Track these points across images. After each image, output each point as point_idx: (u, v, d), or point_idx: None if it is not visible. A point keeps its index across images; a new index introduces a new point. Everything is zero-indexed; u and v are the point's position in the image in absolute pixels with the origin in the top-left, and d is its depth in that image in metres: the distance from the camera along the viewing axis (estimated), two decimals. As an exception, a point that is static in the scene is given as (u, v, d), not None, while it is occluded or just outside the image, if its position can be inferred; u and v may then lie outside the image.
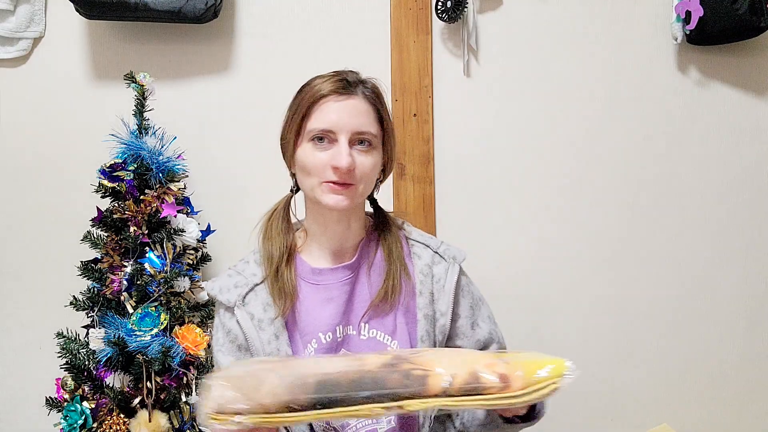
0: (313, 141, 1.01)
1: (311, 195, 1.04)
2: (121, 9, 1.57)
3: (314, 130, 1.00)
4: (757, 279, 1.85)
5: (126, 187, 1.47)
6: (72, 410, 1.41)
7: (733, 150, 1.83)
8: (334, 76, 1.04)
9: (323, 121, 1.00)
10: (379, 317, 1.07)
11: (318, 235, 1.09)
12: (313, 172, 1.01)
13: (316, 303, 1.06)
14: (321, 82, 1.03)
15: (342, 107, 1.01)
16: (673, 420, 1.82)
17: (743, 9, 1.65)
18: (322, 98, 1.01)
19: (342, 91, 1.01)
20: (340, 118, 1.00)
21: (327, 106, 1.01)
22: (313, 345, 1.04)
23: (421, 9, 1.75)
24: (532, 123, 1.79)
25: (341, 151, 0.98)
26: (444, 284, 1.10)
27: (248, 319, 1.03)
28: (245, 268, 1.09)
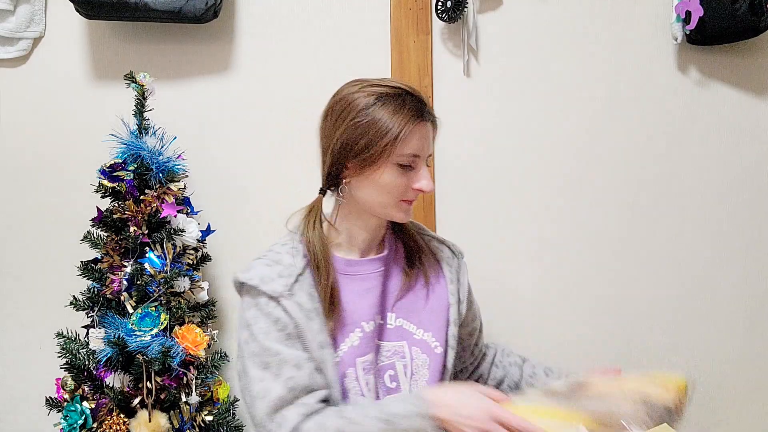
0: (400, 166, 1.05)
1: (380, 211, 1.10)
2: (121, 9, 1.57)
3: (406, 156, 1.05)
4: (757, 279, 1.85)
5: (126, 187, 1.47)
6: (72, 410, 1.41)
7: (733, 150, 1.83)
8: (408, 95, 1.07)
9: (414, 147, 1.05)
10: (408, 305, 1.16)
11: (352, 234, 1.14)
12: (395, 193, 1.07)
13: (355, 293, 1.11)
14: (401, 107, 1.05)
15: (423, 133, 1.07)
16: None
17: (743, 9, 1.65)
18: (411, 125, 1.05)
19: (421, 116, 1.07)
20: (425, 143, 1.07)
21: (413, 133, 1.05)
22: (357, 334, 1.09)
23: (421, 9, 1.75)
24: (532, 123, 1.79)
25: (426, 176, 1.07)
26: (459, 276, 1.24)
27: (298, 309, 1.05)
28: (281, 258, 1.11)
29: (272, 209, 1.74)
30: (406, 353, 1.14)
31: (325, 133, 1.13)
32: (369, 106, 1.06)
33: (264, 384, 1.02)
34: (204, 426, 1.48)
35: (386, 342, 1.13)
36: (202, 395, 1.48)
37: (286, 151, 1.74)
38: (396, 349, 1.14)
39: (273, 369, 1.02)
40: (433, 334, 1.16)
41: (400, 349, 1.14)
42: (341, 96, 1.10)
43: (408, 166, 1.06)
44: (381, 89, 1.07)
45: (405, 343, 1.14)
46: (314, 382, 1.03)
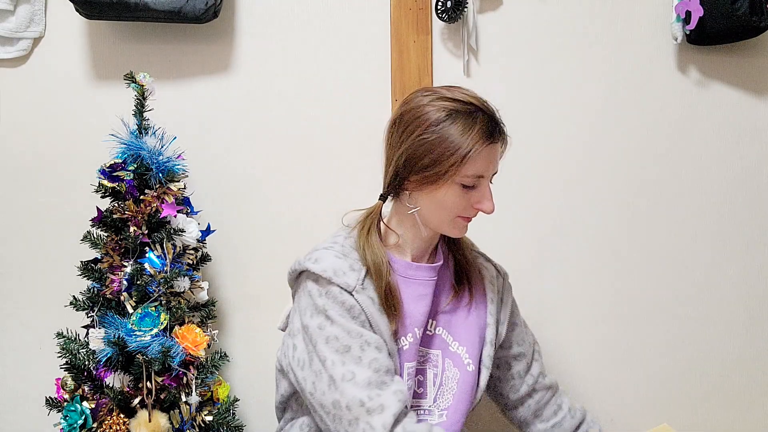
0: (463, 186, 1.05)
1: (436, 226, 1.10)
2: (121, 9, 1.57)
3: (471, 176, 1.04)
4: (757, 279, 1.85)
5: (126, 187, 1.47)
6: (72, 410, 1.40)
7: (733, 150, 1.83)
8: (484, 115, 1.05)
9: (480, 168, 1.04)
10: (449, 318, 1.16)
11: (408, 240, 1.14)
12: (454, 211, 1.07)
13: (411, 298, 1.11)
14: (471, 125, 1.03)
15: (492, 154, 1.06)
16: (673, 420, 1.82)
17: (743, 9, 1.65)
18: (479, 147, 1.03)
19: (492, 139, 1.05)
20: (490, 164, 1.06)
21: (481, 154, 1.03)
22: (409, 339, 1.09)
23: (421, 9, 1.75)
24: (532, 123, 1.79)
25: (488, 196, 1.07)
26: (503, 296, 1.25)
27: (370, 302, 1.05)
28: (348, 252, 1.10)
29: (272, 209, 1.74)
30: (438, 363, 1.14)
31: (390, 143, 1.11)
32: (439, 123, 1.03)
33: (347, 367, 0.99)
34: (204, 426, 1.48)
35: (424, 348, 1.14)
36: (202, 395, 1.48)
37: (286, 150, 1.74)
38: (430, 357, 1.14)
39: (355, 351, 1.01)
40: (467, 350, 1.15)
41: (434, 357, 1.14)
42: (411, 106, 1.07)
43: (471, 186, 1.06)
44: (452, 104, 1.04)
45: (440, 353, 1.15)
46: (393, 365, 1.04)
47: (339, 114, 1.74)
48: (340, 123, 1.75)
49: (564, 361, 1.81)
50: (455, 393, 1.13)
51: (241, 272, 1.73)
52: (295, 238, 1.72)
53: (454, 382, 1.13)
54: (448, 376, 1.14)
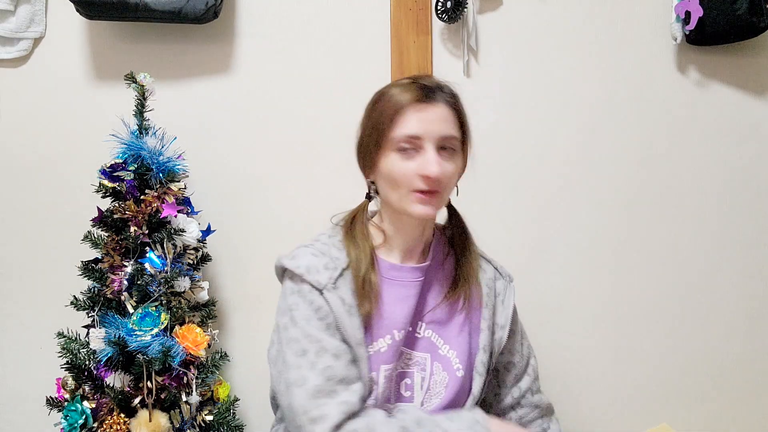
0: (399, 151, 1.01)
1: (398, 206, 1.05)
2: (121, 9, 1.57)
3: (400, 137, 1.01)
4: (757, 279, 1.85)
5: (126, 187, 1.47)
6: (72, 410, 1.41)
7: (733, 150, 1.83)
8: (413, 83, 1.04)
9: (408, 128, 1.01)
10: (441, 321, 1.12)
11: (394, 236, 1.11)
12: (401, 183, 1.02)
13: (393, 299, 1.08)
14: (400, 92, 1.03)
15: (426, 115, 1.01)
16: (673, 420, 1.82)
17: (743, 9, 1.65)
18: (405, 107, 1.01)
19: (424, 99, 1.02)
20: (426, 125, 1.01)
21: (411, 115, 1.01)
22: (387, 341, 1.06)
23: (421, 9, 1.75)
24: (532, 123, 1.79)
25: (430, 159, 0.99)
26: (503, 299, 1.18)
27: (340, 303, 1.03)
28: (327, 250, 1.09)
29: (272, 209, 1.74)
30: (427, 366, 1.10)
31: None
32: (378, 98, 1.06)
33: (301, 372, 0.99)
34: (204, 426, 1.48)
35: (411, 350, 1.10)
36: (202, 395, 1.48)
37: (286, 150, 1.74)
38: (418, 360, 1.10)
39: (311, 356, 1.00)
40: (458, 355, 1.11)
41: (422, 360, 1.10)
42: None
43: (409, 149, 1.01)
44: (398, 81, 1.06)
45: (429, 356, 1.11)
46: (351, 373, 1.01)
47: (339, 114, 1.74)
48: (340, 123, 1.75)
49: (564, 361, 1.81)
50: (443, 397, 1.09)
51: (241, 272, 1.73)
52: (295, 238, 1.71)
53: (442, 387, 1.10)
54: (436, 380, 1.10)
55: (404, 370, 1.10)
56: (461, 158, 1.08)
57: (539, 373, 1.29)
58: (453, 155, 1.04)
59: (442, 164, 1.01)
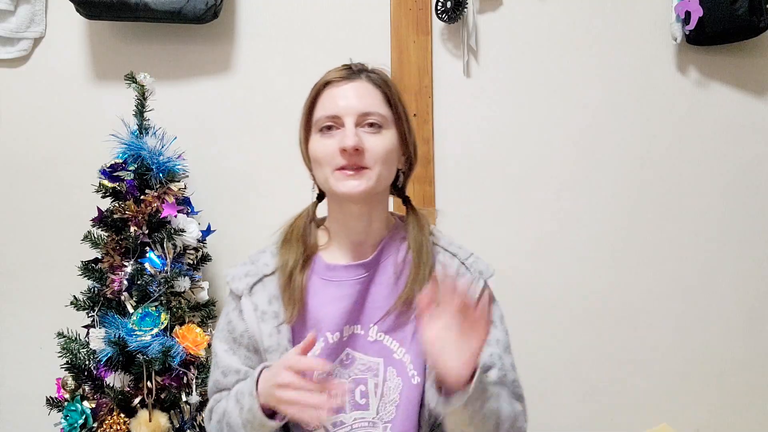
0: (321, 131, 0.99)
1: (327, 188, 0.99)
2: (121, 9, 1.57)
3: (320, 118, 0.98)
4: (757, 279, 1.85)
5: (126, 187, 1.47)
6: (72, 410, 1.41)
7: (733, 150, 1.83)
8: (341, 66, 1.04)
9: (327, 107, 0.98)
10: (395, 323, 1.02)
11: (338, 232, 1.05)
12: (324, 161, 0.97)
13: (326, 300, 1.01)
14: (324, 76, 1.03)
15: (345, 90, 0.99)
16: (673, 420, 1.82)
17: (743, 9, 1.65)
18: (326, 86, 1.00)
19: (345, 76, 1.00)
20: (344, 101, 0.98)
21: (330, 93, 1.00)
22: (319, 344, 0.99)
23: (421, 9, 1.75)
24: (532, 123, 1.79)
25: (347, 133, 0.95)
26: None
27: (251, 309, 1.02)
28: (259, 258, 1.07)
29: (272, 209, 1.74)
30: (380, 372, 1.01)
31: None
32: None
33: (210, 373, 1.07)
34: (204, 426, 1.48)
35: (363, 355, 1.01)
36: (202, 395, 1.48)
37: (286, 150, 1.74)
38: (371, 365, 1.02)
39: (214, 360, 1.06)
40: (413, 360, 1.01)
41: (375, 366, 1.02)
42: None
43: (332, 128, 0.97)
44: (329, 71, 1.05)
45: (381, 361, 1.01)
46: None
47: (339, 114, 1.74)
48: (340, 123, 1.75)
49: (564, 360, 1.81)
50: (398, 405, 1.00)
51: (242, 272, 1.73)
52: (296, 238, 1.72)
53: (396, 393, 1.01)
54: (390, 386, 1.01)
55: (358, 377, 1.02)
56: (393, 137, 1.00)
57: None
58: (380, 131, 0.98)
59: (362, 136, 0.95)
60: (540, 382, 1.70)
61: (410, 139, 1.05)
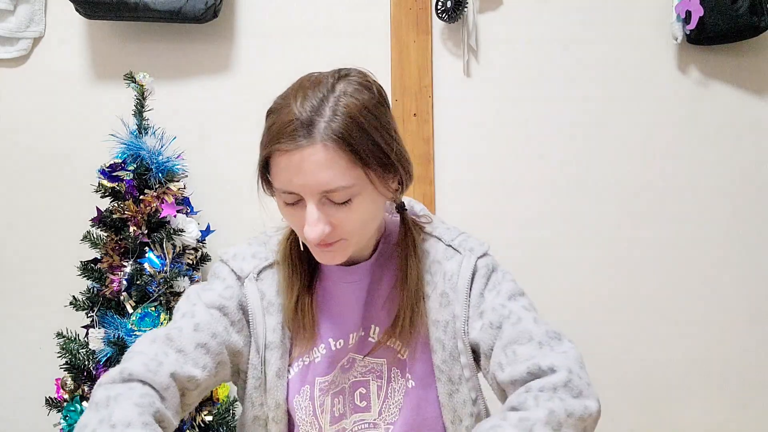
0: (285, 204, 0.86)
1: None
2: (121, 9, 1.57)
3: (279, 189, 0.84)
4: (757, 279, 1.85)
5: (126, 187, 1.47)
6: (72, 410, 1.41)
7: (733, 150, 1.83)
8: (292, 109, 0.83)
9: (283, 182, 0.82)
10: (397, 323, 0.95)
11: None
12: (296, 230, 0.88)
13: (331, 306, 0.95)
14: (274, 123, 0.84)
15: (299, 164, 0.79)
16: (672, 420, 1.82)
17: (743, 9, 1.65)
18: (273, 151, 0.82)
19: (297, 139, 0.79)
20: (300, 178, 0.80)
21: (283, 162, 0.81)
22: (321, 350, 0.94)
23: (421, 9, 1.75)
24: (532, 123, 1.79)
25: (309, 220, 0.81)
26: (457, 281, 0.93)
27: (258, 297, 0.91)
28: (268, 240, 0.98)
29: (272, 209, 1.74)
30: (383, 373, 0.96)
31: None
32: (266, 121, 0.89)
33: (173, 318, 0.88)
34: (204, 426, 1.48)
35: (364, 356, 0.96)
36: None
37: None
38: (373, 367, 0.96)
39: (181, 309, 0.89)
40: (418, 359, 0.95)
41: (378, 367, 0.96)
42: None
43: (293, 204, 0.84)
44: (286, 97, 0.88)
45: (384, 362, 0.96)
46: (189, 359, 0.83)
47: (339, 114, 1.74)
48: (340, 123, 1.75)
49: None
50: (401, 407, 0.95)
51: (241, 272, 1.73)
52: (295, 238, 1.72)
53: (401, 395, 0.95)
54: (394, 387, 0.96)
55: (358, 380, 0.96)
56: (369, 195, 0.84)
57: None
58: (349, 203, 0.82)
59: (327, 221, 0.82)
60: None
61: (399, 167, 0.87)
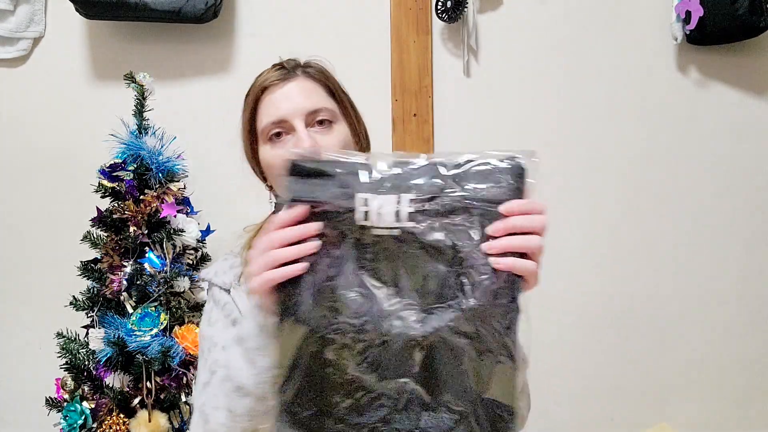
0: (271, 139, 0.94)
1: None
2: (121, 9, 1.57)
3: (267, 126, 0.94)
4: (757, 279, 1.85)
5: (126, 187, 1.47)
6: (72, 410, 1.41)
7: (733, 150, 1.83)
8: (273, 66, 1.00)
9: (272, 113, 0.94)
10: None
11: None
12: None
13: None
14: (257, 80, 0.99)
15: (286, 93, 0.94)
16: (673, 420, 1.82)
17: (743, 9, 1.65)
18: (264, 91, 0.96)
19: (281, 77, 0.96)
20: (288, 103, 0.93)
21: (271, 98, 0.95)
22: None
23: (421, 9, 1.75)
24: (531, 123, 1.79)
25: (300, 137, 0.90)
26: None
27: (246, 298, 0.96)
28: (240, 252, 1.05)
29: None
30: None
31: None
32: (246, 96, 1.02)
33: (198, 373, 0.92)
34: (204, 426, 1.48)
35: None
36: (201, 395, 1.48)
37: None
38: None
39: (204, 354, 0.92)
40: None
41: None
42: None
43: (282, 134, 0.93)
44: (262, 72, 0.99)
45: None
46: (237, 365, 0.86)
47: (339, 114, 1.74)
48: (340, 123, 1.75)
49: (564, 360, 1.81)
50: None
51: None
52: (295, 238, 1.72)
53: None
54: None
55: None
56: (345, 129, 0.97)
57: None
58: (331, 127, 0.94)
59: (316, 138, 0.91)
60: (539, 382, 1.69)
61: (360, 128, 1.01)
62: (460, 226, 0.64)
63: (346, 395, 0.66)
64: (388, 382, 0.65)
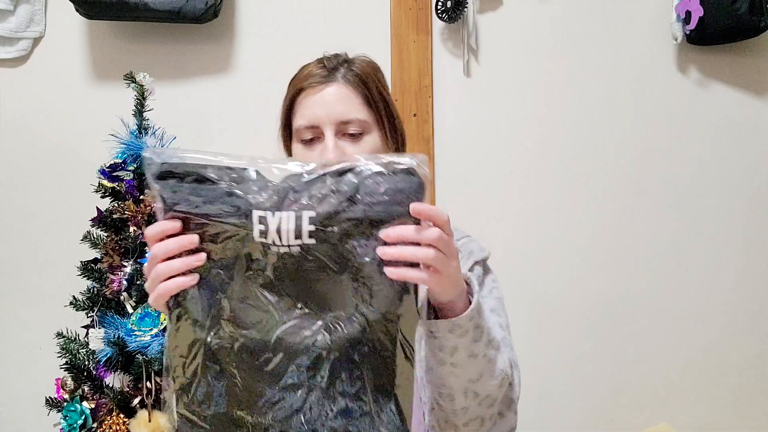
0: (303, 142, 0.96)
1: None
2: (121, 9, 1.57)
3: (300, 128, 0.96)
4: (757, 279, 1.85)
5: (126, 187, 1.47)
6: (72, 410, 1.41)
7: (733, 150, 1.83)
8: (317, 63, 1.00)
9: (305, 116, 0.95)
10: None
11: None
12: None
13: None
14: (298, 76, 0.99)
15: (321, 98, 0.94)
16: (673, 420, 1.82)
17: (743, 9, 1.65)
18: (302, 91, 0.97)
19: (320, 79, 0.96)
20: (322, 109, 0.94)
21: (307, 100, 0.96)
22: None
23: (421, 9, 1.75)
24: (531, 123, 1.79)
25: (327, 146, 0.91)
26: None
27: None
28: None
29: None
30: None
31: None
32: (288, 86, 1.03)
33: None
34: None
35: None
36: (201, 395, 1.48)
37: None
38: None
39: None
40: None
41: None
42: None
43: (313, 139, 0.94)
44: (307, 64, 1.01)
45: None
46: None
47: (339, 114, 1.74)
48: (340, 123, 1.75)
49: (564, 360, 1.81)
50: None
51: (241, 272, 1.73)
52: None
53: None
54: None
55: None
56: (377, 139, 0.96)
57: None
58: (361, 138, 0.94)
59: (343, 148, 0.92)
60: (540, 382, 1.70)
61: (396, 134, 1.01)
62: (358, 237, 0.64)
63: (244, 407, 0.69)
64: (287, 392, 0.66)
